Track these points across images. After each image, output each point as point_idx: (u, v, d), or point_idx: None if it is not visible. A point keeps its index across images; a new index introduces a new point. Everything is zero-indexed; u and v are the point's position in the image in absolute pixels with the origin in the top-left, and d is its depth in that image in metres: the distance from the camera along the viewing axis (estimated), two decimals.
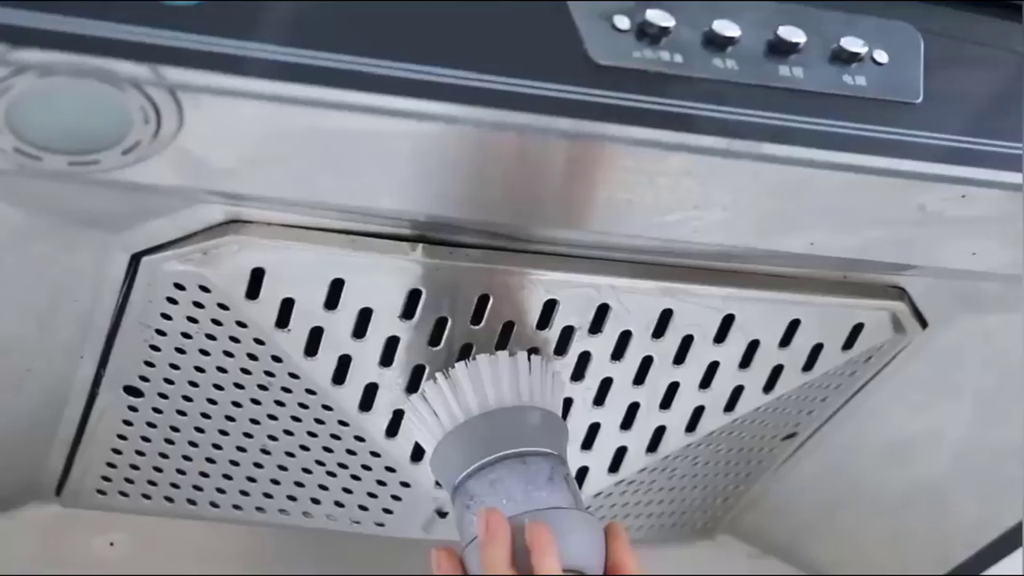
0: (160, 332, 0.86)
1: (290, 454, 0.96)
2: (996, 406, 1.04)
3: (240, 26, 0.68)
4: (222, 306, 0.84)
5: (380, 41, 0.70)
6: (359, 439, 0.94)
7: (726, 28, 0.76)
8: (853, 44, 0.78)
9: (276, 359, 0.88)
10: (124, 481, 0.97)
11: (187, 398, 0.91)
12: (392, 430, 0.94)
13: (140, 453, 0.95)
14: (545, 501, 0.81)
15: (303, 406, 0.92)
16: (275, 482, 0.98)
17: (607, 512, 1.06)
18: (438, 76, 0.70)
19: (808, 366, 0.96)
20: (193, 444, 0.95)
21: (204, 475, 0.97)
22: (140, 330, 0.86)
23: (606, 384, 0.94)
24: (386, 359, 0.89)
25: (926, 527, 1.14)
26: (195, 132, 0.69)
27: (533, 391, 0.85)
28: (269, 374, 0.89)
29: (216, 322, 0.85)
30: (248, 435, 0.94)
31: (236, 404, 0.92)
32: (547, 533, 0.77)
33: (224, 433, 0.94)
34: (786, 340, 0.94)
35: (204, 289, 0.83)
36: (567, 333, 0.90)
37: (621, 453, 0.99)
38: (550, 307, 0.88)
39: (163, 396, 0.91)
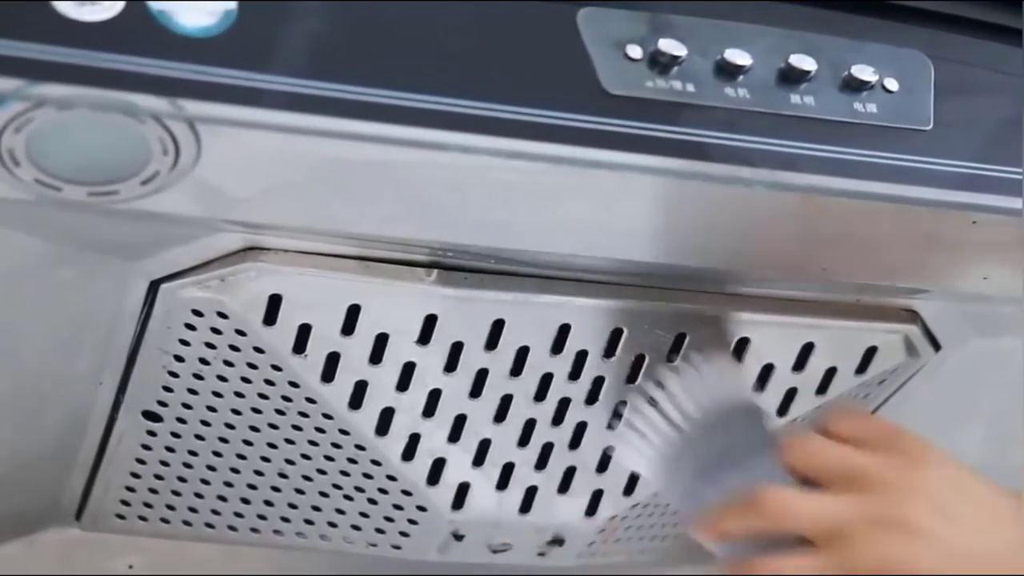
0: (178, 358, 0.87)
1: (307, 478, 0.96)
2: (1010, 427, 1.05)
3: (257, 59, 0.69)
4: (240, 332, 0.85)
5: (394, 72, 0.71)
6: (376, 463, 0.95)
7: (737, 57, 0.76)
8: (863, 72, 0.78)
9: (293, 384, 0.89)
10: (143, 505, 0.98)
11: (205, 423, 0.92)
12: (408, 454, 0.94)
13: (159, 477, 0.96)
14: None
15: (320, 430, 0.92)
16: (293, 506, 0.99)
17: (622, 535, 1.07)
18: (452, 106, 0.71)
19: (822, 389, 0.97)
20: (211, 468, 0.95)
21: (222, 499, 0.98)
22: (158, 356, 0.87)
23: (620, 407, 0.94)
24: (403, 384, 0.89)
25: None
26: (213, 163, 0.70)
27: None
28: (286, 399, 0.90)
29: (234, 348, 0.86)
30: (266, 459, 0.95)
31: (254, 428, 0.92)
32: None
33: (242, 457, 0.95)
34: (800, 364, 0.94)
35: (222, 315, 0.84)
36: (581, 357, 0.90)
37: (636, 476, 1.00)
38: (564, 331, 0.89)
39: (181, 421, 0.92)
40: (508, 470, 0.97)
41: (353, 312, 0.85)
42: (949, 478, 0.78)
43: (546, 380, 0.91)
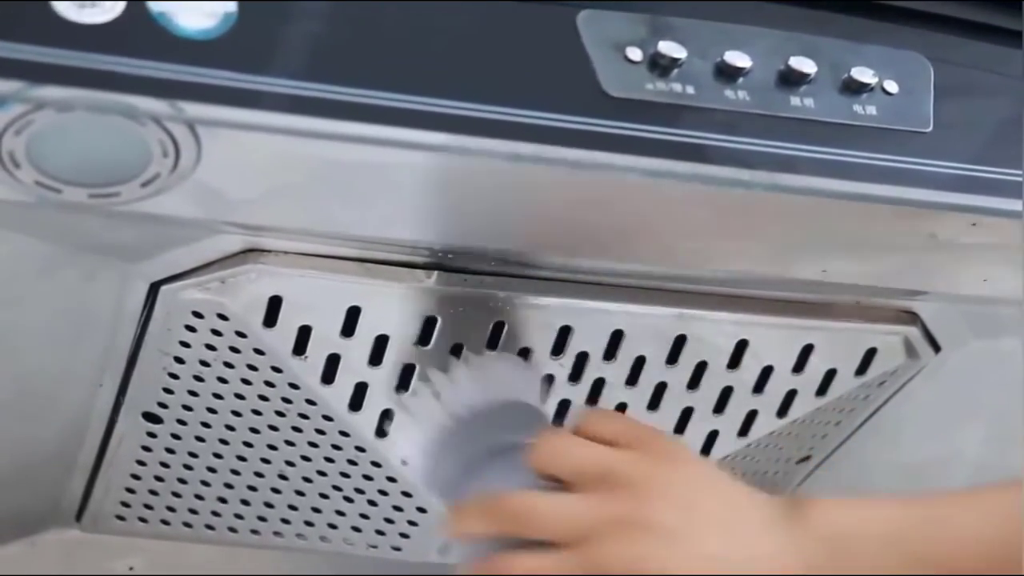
0: (179, 359, 0.87)
1: (307, 479, 0.96)
2: (1010, 428, 1.05)
3: (257, 61, 0.69)
4: (240, 334, 0.85)
5: (394, 75, 0.71)
6: (376, 464, 0.95)
7: (737, 59, 0.77)
8: (863, 74, 0.79)
9: (293, 386, 0.89)
10: (143, 506, 0.98)
11: (205, 424, 0.92)
12: None
13: (159, 478, 0.96)
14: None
15: (320, 432, 0.92)
16: (293, 507, 0.99)
17: None
18: (453, 109, 0.71)
19: (822, 391, 0.97)
20: (211, 469, 0.95)
21: (222, 500, 0.98)
22: (159, 358, 0.87)
23: (620, 410, 0.94)
24: (402, 386, 0.89)
25: None
26: (213, 165, 0.70)
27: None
28: (286, 400, 0.90)
29: (234, 350, 0.86)
30: (266, 460, 0.95)
31: (254, 430, 0.92)
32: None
33: (242, 459, 0.95)
34: (800, 365, 0.94)
35: (222, 317, 0.84)
36: (582, 359, 0.90)
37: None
38: (565, 333, 0.89)
39: (182, 422, 0.92)
40: None
41: (353, 314, 0.85)
42: (697, 478, 0.76)
43: (547, 382, 0.91)
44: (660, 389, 0.94)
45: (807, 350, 0.94)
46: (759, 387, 0.95)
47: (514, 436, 0.79)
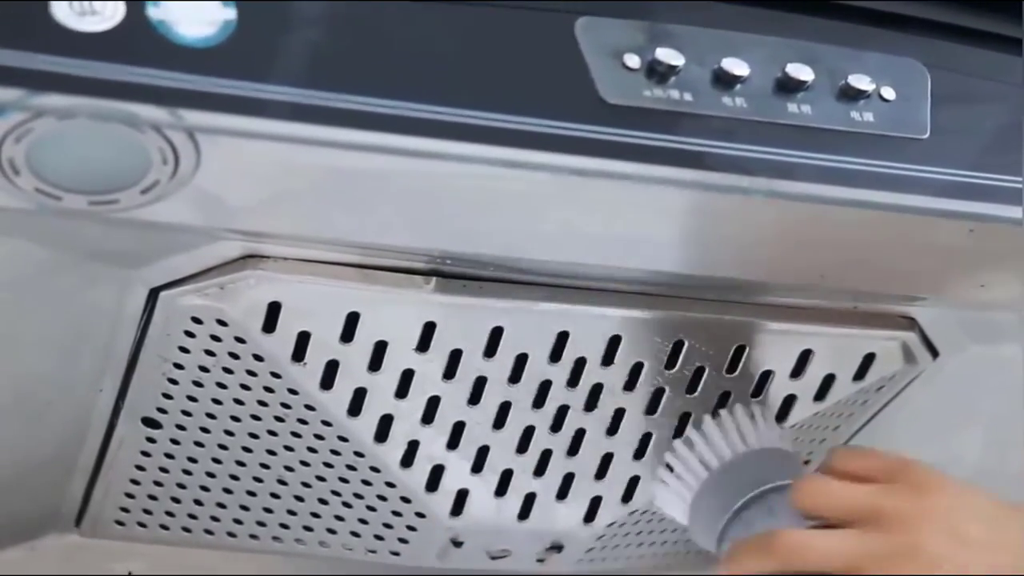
0: (178, 365, 0.87)
1: (307, 484, 0.97)
2: (1008, 433, 1.05)
3: (256, 68, 0.69)
4: (239, 339, 0.85)
5: (393, 82, 0.71)
6: (375, 470, 0.95)
7: (735, 66, 0.77)
8: (860, 81, 0.79)
9: (292, 391, 0.89)
10: (142, 511, 0.98)
11: (205, 429, 0.92)
12: (407, 461, 0.94)
13: (158, 484, 0.96)
14: None
15: (319, 437, 0.93)
16: (292, 512, 0.99)
17: (620, 540, 1.07)
18: (450, 116, 0.71)
19: (820, 396, 0.97)
20: (211, 475, 0.96)
21: (222, 505, 0.98)
22: (158, 363, 0.87)
23: (619, 414, 0.95)
24: (401, 391, 0.90)
25: None
26: (212, 172, 0.70)
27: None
28: (286, 406, 0.90)
29: (233, 355, 0.86)
30: (265, 466, 0.95)
31: (253, 435, 0.93)
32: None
33: (241, 464, 0.95)
34: (798, 371, 0.95)
35: (221, 323, 0.84)
36: (579, 364, 0.91)
37: (634, 483, 1.00)
38: (562, 339, 0.89)
39: (181, 428, 0.92)
40: (507, 477, 0.97)
41: (352, 320, 0.85)
42: (958, 502, 0.79)
43: (545, 387, 0.91)
44: (658, 394, 0.94)
45: (805, 355, 0.94)
46: (757, 392, 0.95)
47: (773, 480, 0.84)
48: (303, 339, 0.86)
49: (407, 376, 0.89)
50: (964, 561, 0.77)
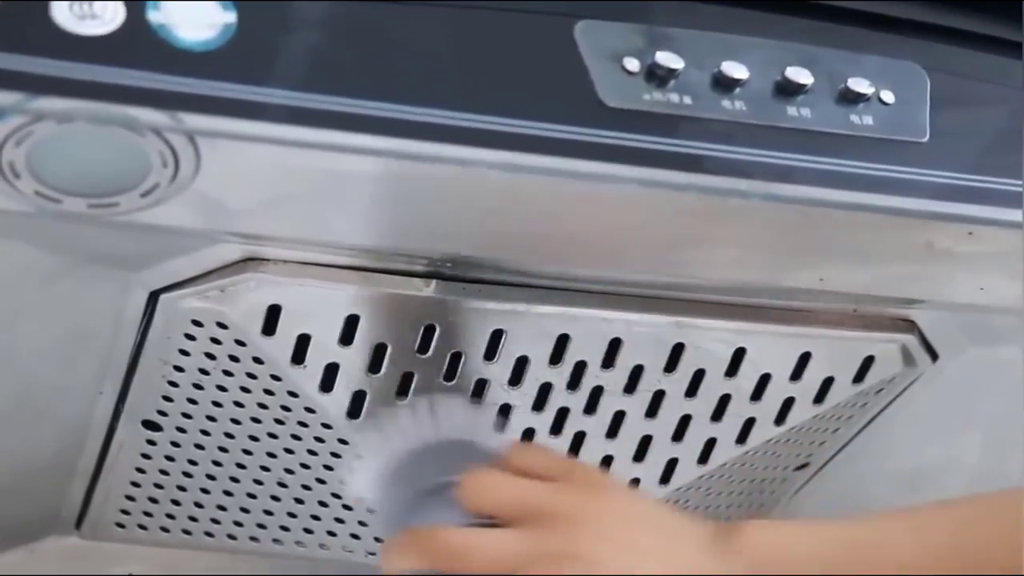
0: (178, 368, 0.87)
1: (306, 487, 0.97)
2: (1008, 436, 1.05)
3: (256, 72, 0.69)
4: (239, 342, 0.85)
5: (392, 85, 0.71)
6: None
7: (734, 69, 0.77)
8: (859, 84, 0.79)
9: (292, 394, 0.89)
10: (143, 514, 0.98)
11: (205, 432, 0.92)
12: None
13: (158, 486, 0.96)
14: None
15: (319, 440, 0.93)
16: (292, 515, 0.99)
17: None
18: (450, 119, 0.71)
19: (819, 398, 0.97)
20: (211, 477, 0.96)
21: (222, 508, 0.98)
22: (158, 366, 0.87)
23: (619, 417, 0.95)
24: (401, 394, 0.90)
25: None
26: (212, 175, 0.70)
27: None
28: (285, 408, 0.90)
29: (233, 358, 0.86)
30: (265, 468, 0.95)
31: (253, 438, 0.93)
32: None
33: (241, 466, 0.95)
34: (797, 373, 0.95)
35: (221, 326, 0.84)
36: (580, 368, 0.91)
37: (634, 485, 1.00)
38: (563, 342, 0.89)
39: (181, 430, 0.92)
40: None
41: (351, 322, 0.85)
42: (626, 508, 0.76)
43: (545, 390, 0.91)
44: (658, 397, 0.94)
45: (805, 358, 0.94)
46: (757, 395, 0.95)
47: (454, 474, 0.79)
48: (303, 342, 0.86)
49: (407, 379, 0.89)
50: (624, 565, 0.73)
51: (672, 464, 0.99)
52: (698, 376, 0.93)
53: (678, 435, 0.97)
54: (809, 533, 0.76)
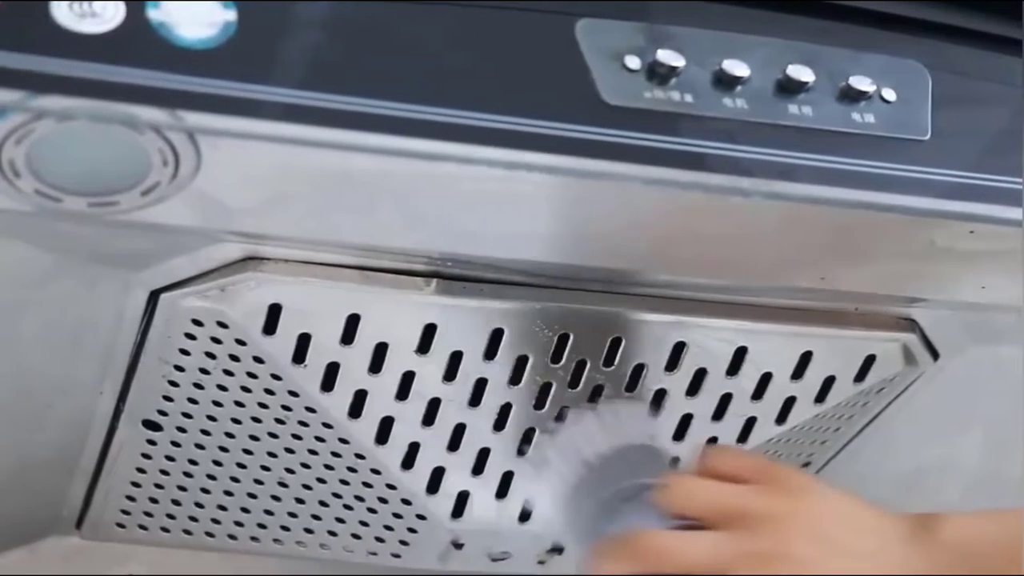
0: (178, 367, 0.87)
1: (307, 487, 0.97)
2: (1009, 435, 1.05)
3: (256, 70, 0.69)
4: (240, 342, 0.85)
5: (393, 84, 0.71)
6: (375, 472, 0.95)
7: (736, 67, 0.77)
8: (861, 82, 0.79)
9: (293, 393, 0.89)
10: (143, 514, 0.98)
11: (205, 432, 0.92)
12: (408, 463, 0.94)
13: (159, 486, 0.96)
14: None
15: (320, 439, 0.93)
16: (292, 515, 0.99)
17: None
18: (452, 118, 0.71)
19: (820, 398, 0.97)
20: (211, 477, 0.96)
21: (222, 508, 0.98)
22: (159, 365, 0.87)
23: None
24: (402, 393, 0.90)
25: None
26: (212, 174, 0.70)
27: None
28: (286, 408, 0.90)
29: (234, 357, 0.86)
30: (266, 468, 0.95)
31: (254, 437, 0.93)
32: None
33: (242, 466, 0.95)
34: (798, 372, 0.95)
35: (222, 325, 0.84)
36: (580, 366, 0.91)
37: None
38: (563, 340, 0.89)
39: (181, 430, 0.92)
40: (507, 479, 0.97)
41: (352, 321, 0.85)
42: (826, 506, 0.78)
43: (545, 389, 0.91)
44: (659, 396, 0.94)
45: (806, 357, 0.94)
46: (758, 394, 0.95)
47: (642, 479, 0.81)
48: (304, 341, 0.86)
49: (408, 378, 0.89)
50: (828, 565, 0.75)
51: (674, 463, 0.99)
52: (699, 375, 0.93)
53: (679, 434, 0.97)
54: (1005, 523, 0.77)
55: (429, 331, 0.87)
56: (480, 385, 0.90)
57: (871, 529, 0.77)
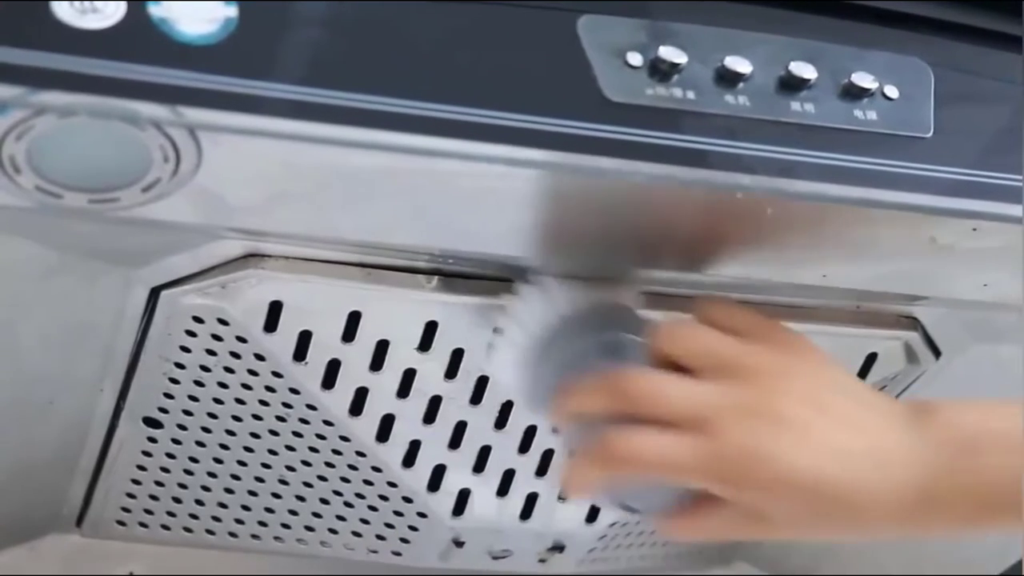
0: (179, 365, 0.87)
1: (308, 484, 0.97)
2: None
3: (257, 66, 0.69)
4: (240, 339, 0.85)
5: (395, 80, 0.71)
6: (376, 470, 0.95)
7: (738, 64, 0.77)
8: (863, 79, 0.79)
9: (294, 391, 0.89)
10: (143, 511, 0.98)
11: (206, 429, 0.92)
12: (409, 461, 0.94)
13: (159, 484, 0.96)
14: None
15: (321, 437, 0.93)
16: (293, 512, 0.99)
17: (622, 540, 1.07)
18: (453, 114, 0.71)
19: None
20: (212, 475, 0.96)
21: (223, 505, 0.98)
22: (159, 363, 0.87)
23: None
24: (403, 391, 0.90)
25: (944, 553, 1.15)
26: (213, 170, 0.70)
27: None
28: (287, 406, 0.90)
29: (234, 355, 0.86)
30: (266, 466, 0.95)
31: (254, 435, 0.92)
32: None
33: (243, 464, 0.95)
34: None
35: (222, 322, 0.84)
36: None
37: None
38: None
39: (182, 427, 0.92)
40: (509, 477, 0.97)
41: (354, 319, 0.85)
42: (823, 371, 0.74)
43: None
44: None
45: None
46: None
47: (624, 334, 0.78)
48: (304, 338, 0.85)
49: (409, 376, 0.89)
50: (819, 429, 0.71)
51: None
52: None
53: None
54: (1007, 411, 0.74)
55: (430, 328, 0.86)
56: (481, 383, 0.90)
57: (869, 404, 0.74)
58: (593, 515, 1.01)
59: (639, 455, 0.71)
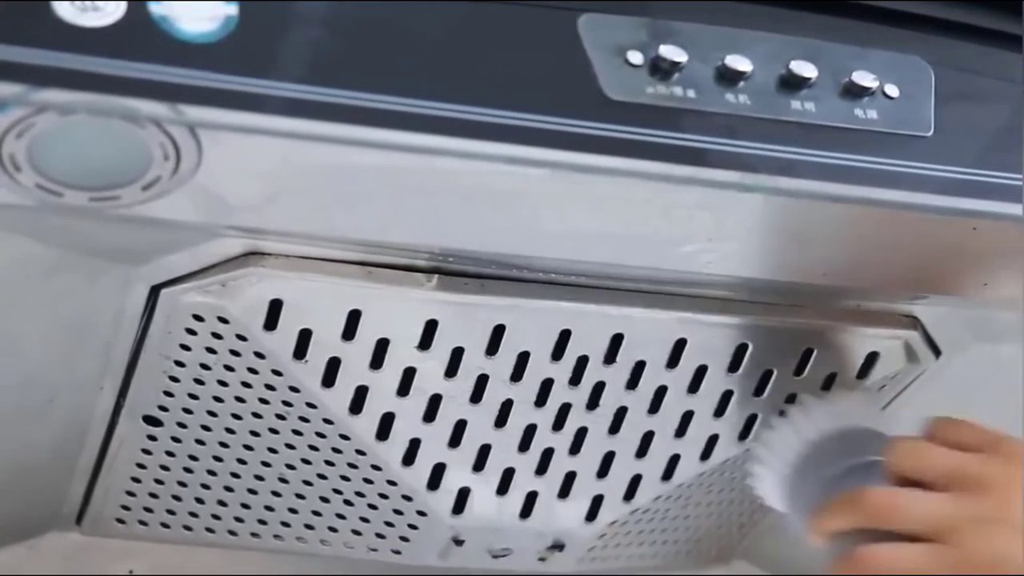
0: (179, 363, 0.87)
1: (308, 483, 0.96)
2: (1012, 432, 1.04)
3: (258, 64, 0.69)
4: (240, 337, 0.85)
5: (395, 78, 0.71)
6: (376, 468, 0.95)
7: (738, 63, 0.77)
8: (864, 78, 0.79)
9: (294, 389, 0.89)
10: (143, 510, 0.98)
11: (206, 427, 0.92)
12: (409, 459, 0.94)
13: (159, 482, 0.96)
14: None
15: (320, 435, 0.93)
16: (293, 511, 0.99)
17: (622, 540, 1.07)
18: (454, 112, 0.71)
19: None
20: (212, 473, 0.95)
21: (223, 504, 0.98)
22: (159, 361, 0.87)
23: (621, 413, 0.94)
24: (403, 389, 0.90)
25: None
26: (214, 168, 0.70)
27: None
28: (287, 404, 0.90)
29: (234, 353, 0.86)
30: (266, 464, 0.95)
31: (254, 433, 0.92)
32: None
33: (242, 462, 0.95)
34: (800, 369, 0.94)
35: (223, 320, 0.84)
36: (581, 362, 0.90)
37: (636, 481, 1.00)
38: (564, 337, 0.89)
39: (182, 426, 0.92)
40: (508, 475, 0.97)
41: (354, 317, 0.85)
42: None
43: (546, 386, 0.91)
44: (660, 393, 0.94)
45: (807, 354, 0.94)
46: (759, 391, 0.95)
47: (867, 456, 0.84)
48: (304, 337, 0.85)
49: (408, 374, 0.89)
50: None
51: (674, 461, 0.99)
52: (700, 371, 0.93)
53: (680, 431, 0.97)
54: None
55: (430, 327, 0.86)
56: (481, 381, 0.90)
57: None
58: (593, 514, 1.01)
59: (889, 565, 0.78)
